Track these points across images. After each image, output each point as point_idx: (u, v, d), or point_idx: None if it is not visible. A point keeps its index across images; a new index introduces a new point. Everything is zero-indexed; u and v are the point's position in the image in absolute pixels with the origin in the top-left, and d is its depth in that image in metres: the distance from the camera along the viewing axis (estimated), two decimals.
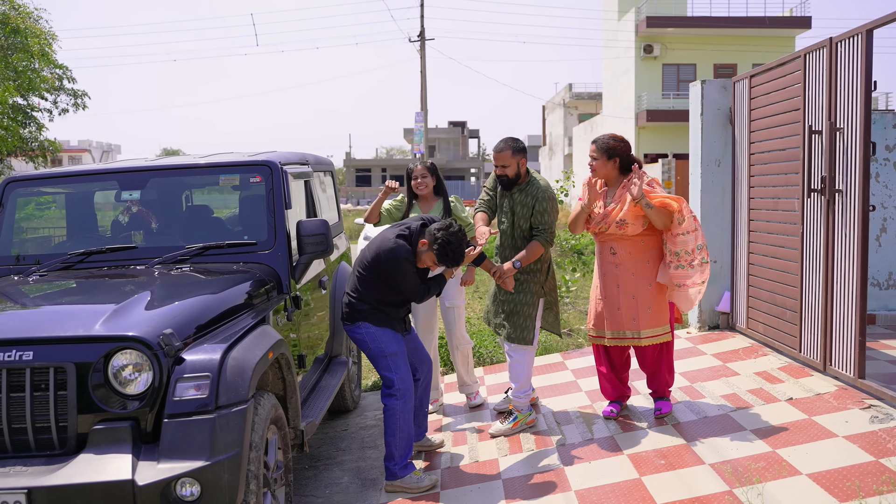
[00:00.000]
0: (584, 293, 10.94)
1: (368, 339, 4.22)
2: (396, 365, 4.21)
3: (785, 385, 4.97)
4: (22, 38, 15.38)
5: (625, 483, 3.93)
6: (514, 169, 4.71)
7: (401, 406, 4.19)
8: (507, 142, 4.73)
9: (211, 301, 3.56)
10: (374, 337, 4.22)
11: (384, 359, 4.22)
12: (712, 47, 29.18)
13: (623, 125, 30.74)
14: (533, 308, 4.77)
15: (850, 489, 3.46)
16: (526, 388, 4.85)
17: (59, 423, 2.99)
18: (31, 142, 18.11)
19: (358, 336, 4.26)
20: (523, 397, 4.86)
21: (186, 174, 4.72)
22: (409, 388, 4.24)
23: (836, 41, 4.73)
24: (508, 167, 4.71)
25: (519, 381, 4.82)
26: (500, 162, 4.72)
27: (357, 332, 4.25)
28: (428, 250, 4.12)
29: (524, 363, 4.80)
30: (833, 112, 4.76)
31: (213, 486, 2.89)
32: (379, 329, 4.22)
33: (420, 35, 31.05)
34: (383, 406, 4.24)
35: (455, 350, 5.43)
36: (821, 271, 4.95)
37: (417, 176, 5.27)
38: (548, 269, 4.85)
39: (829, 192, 4.82)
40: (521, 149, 4.74)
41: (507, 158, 4.69)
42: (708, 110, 6.62)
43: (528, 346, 4.78)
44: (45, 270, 4.23)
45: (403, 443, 4.22)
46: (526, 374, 4.81)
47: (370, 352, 4.25)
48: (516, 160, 4.70)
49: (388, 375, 4.22)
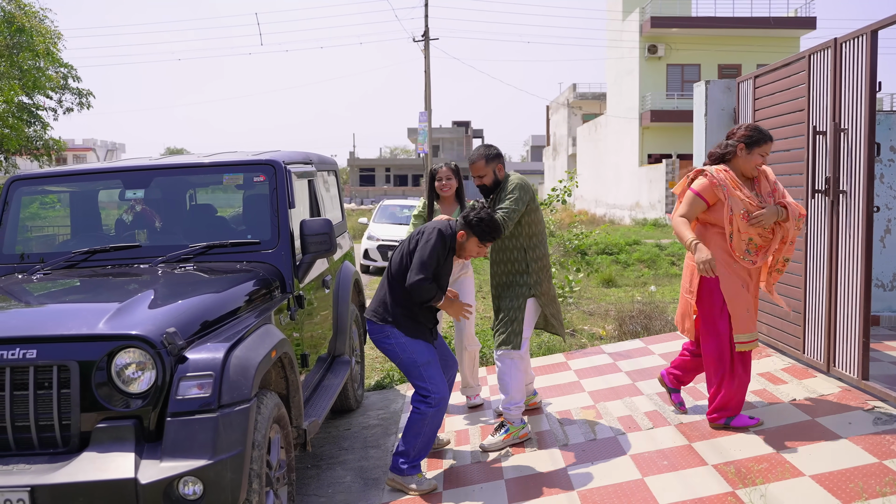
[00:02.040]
0: (588, 293, 10.96)
1: (399, 349, 4.19)
2: (430, 374, 4.19)
3: (788, 386, 4.96)
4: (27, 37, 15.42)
5: (627, 484, 3.92)
6: (491, 177, 4.67)
7: (433, 413, 4.18)
8: (480, 150, 4.67)
9: (214, 300, 3.57)
10: (404, 347, 4.18)
11: (417, 368, 4.19)
12: (716, 48, 29.17)
13: (627, 125, 30.74)
14: (519, 311, 4.63)
15: (854, 491, 3.45)
16: (516, 400, 4.66)
17: (63, 421, 2.99)
18: (36, 140, 18.17)
19: (388, 346, 4.23)
20: (513, 409, 4.68)
21: (190, 173, 4.73)
22: (444, 397, 4.21)
23: (840, 42, 4.72)
24: (485, 176, 4.67)
25: (507, 392, 4.65)
26: (476, 172, 4.68)
27: (387, 342, 4.21)
28: (470, 235, 4.20)
29: (511, 373, 4.62)
30: (837, 113, 4.75)
31: (215, 485, 2.89)
32: (409, 339, 4.18)
33: (424, 35, 31.04)
34: (413, 408, 4.21)
35: (463, 351, 5.40)
36: (825, 272, 4.93)
37: (443, 177, 5.24)
38: (540, 269, 4.72)
39: (833, 192, 4.81)
40: (495, 155, 4.68)
41: (482, 168, 4.65)
42: (712, 111, 6.60)
43: (513, 353, 4.61)
44: (48, 269, 4.24)
45: (422, 446, 4.22)
46: (514, 385, 4.63)
47: (401, 362, 4.22)
48: (491, 168, 4.65)
49: (422, 385, 4.18)
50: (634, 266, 13.96)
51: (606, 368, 6.10)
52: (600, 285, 11.94)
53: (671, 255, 14.81)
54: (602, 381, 5.75)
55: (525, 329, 4.66)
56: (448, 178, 5.25)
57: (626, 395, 5.30)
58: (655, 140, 29.91)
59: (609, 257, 14.52)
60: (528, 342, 4.71)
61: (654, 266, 13.90)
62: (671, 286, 11.67)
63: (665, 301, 9.78)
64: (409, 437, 4.20)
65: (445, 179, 5.25)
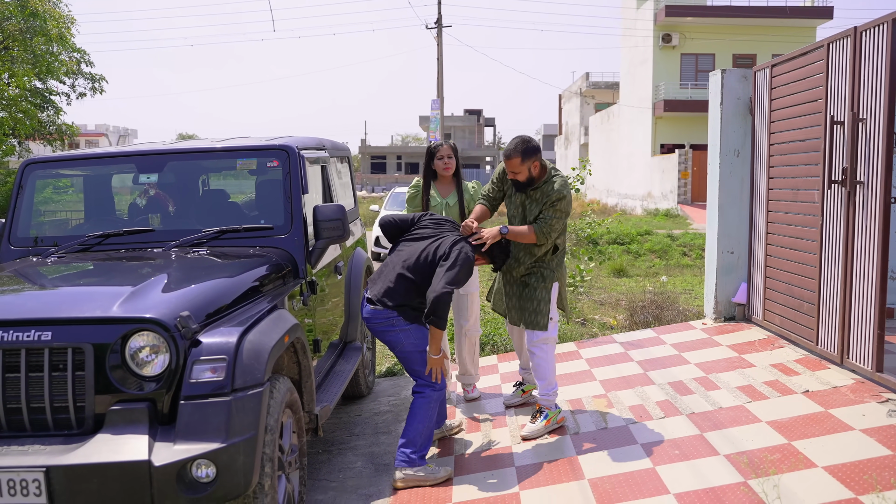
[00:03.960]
0: (599, 283, 10.93)
1: (403, 337, 4.19)
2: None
3: (801, 377, 4.94)
4: (41, 22, 15.44)
5: (638, 472, 3.92)
6: (525, 174, 4.45)
7: (436, 397, 4.23)
8: (518, 146, 4.40)
9: (227, 284, 3.57)
10: (408, 334, 4.19)
11: (421, 354, 4.21)
12: (731, 37, 28.95)
13: (640, 115, 30.58)
14: (546, 292, 4.63)
15: (867, 482, 3.43)
16: (553, 385, 4.69)
17: (77, 403, 3.01)
18: (49, 125, 18.22)
19: (391, 336, 4.21)
20: (551, 395, 4.69)
21: (204, 158, 4.73)
22: (444, 381, 4.29)
23: (860, 30, 4.67)
24: (519, 174, 4.45)
25: (545, 378, 4.67)
26: (511, 168, 4.45)
27: (391, 329, 4.19)
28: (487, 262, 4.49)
29: (548, 359, 4.66)
30: (856, 102, 4.70)
31: (228, 468, 2.90)
32: (414, 326, 4.19)
33: (437, 22, 30.93)
34: (416, 394, 4.23)
35: (463, 337, 5.34)
36: (840, 263, 4.90)
37: (443, 156, 5.10)
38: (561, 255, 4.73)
39: (850, 183, 4.77)
40: (533, 150, 4.41)
41: (517, 165, 4.41)
42: (728, 100, 6.54)
43: (549, 339, 4.65)
44: (63, 252, 4.26)
45: (428, 434, 4.22)
46: (551, 370, 4.67)
47: (403, 348, 4.21)
48: (527, 166, 4.41)
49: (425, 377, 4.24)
50: (646, 256, 13.92)
51: (618, 358, 6.09)
52: (611, 275, 11.91)
53: (683, 246, 14.75)
54: (613, 371, 5.74)
55: (553, 311, 4.67)
56: (449, 156, 5.11)
57: (637, 385, 5.29)
58: (668, 130, 29.75)
59: (620, 247, 14.48)
60: (556, 325, 4.71)
61: (665, 256, 13.85)
62: (682, 277, 11.63)
63: (676, 291, 9.75)
64: (416, 423, 4.20)
65: (447, 158, 5.10)
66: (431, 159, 5.16)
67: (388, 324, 4.18)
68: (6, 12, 15.22)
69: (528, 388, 5.26)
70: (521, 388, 5.28)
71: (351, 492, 4.24)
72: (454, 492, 4.02)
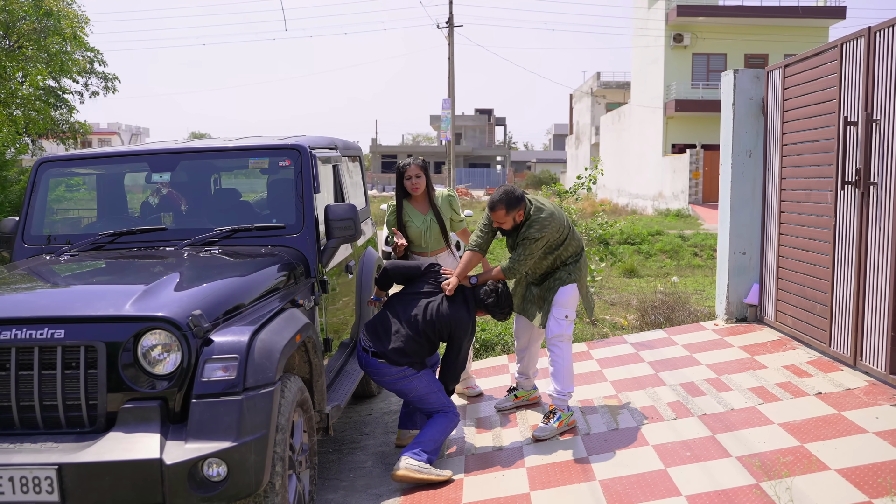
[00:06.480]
0: (610, 283, 10.90)
1: (416, 383, 4.37)
2: (444, 395, 4.48)
3: (814, 379, 4.91)
4: (55, 21, 15.50)
5: (650, 474, 3.90)
6: (510, 223, 4.59)
7: (457, 420, 4.47)
8: (502, 197, 4.53)
9: (239, 283, 3.58)
10: (420, 379, 4.38)
11: (435, 395, 4.42)
12: (743, 37, 28.81)
13: (651, 115, 30.48)
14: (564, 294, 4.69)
15: (881, 486, 3.41)
16: (569, 387, 4.71)
17: (90, 401, 3.02)
18: (62, 124, 18.30)
19: (403, 386, 4.39)
20: (566, 397, 4.71)
21: (216, 157, 4.74)
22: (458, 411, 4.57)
23: (874, 30, 4.64)
24: (504, 223, 4.60)
25: (562, 382, 4.69)
26: (496, 219, 4.60)
27: (403, 380, 4.36)
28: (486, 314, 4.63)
29: (565, 358, 4.68)
30: (870, 103, 4.67)
31: (239, 467, 2.91)
32: (423, 372, 4.40)
33: (448, 21, 30.92)
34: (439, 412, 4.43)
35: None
36: (853, 265, 4.87)
37: (411, 175, 5.08)
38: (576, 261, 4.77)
39: (864, 184, 4.73)
40: (516, 201, 4.53)
41: (503, 216, 4.56)
42: (740, 100, 6.51)
43: (564, 336, 4.68)
44: (75, 251, 4.27)
45: (440, 444, 4.34)
46: (568, 372, 4.70)
47: (418, 392, 4.39)
48: (512, 216, 4.55)
49: (445, 403, 4.45)
50: (657, 256, 13.87)
51: (629, 358, 6.07)
52: (622, 275, 11.88)
53: (694, 246, 14.69)
54: (624, 371, 5.72)
55: (570, 311, 4.72)
56: (417, 175, 5.07)
57: (648, 386, 5.28)
58: (680, 130, 29.62)
59: (631, 247, 14.43)
60: (572, 324, 4.75)
61: (676, 257, 13.79)
62: (693, 277, 11.58)
63: (687, 292, 9.71)
64: (432, 432, 4.31)
65: (415, 178, 5.07)
66: (401, 179, 5.15)
67: (399, 376, 4.34)
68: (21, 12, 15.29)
69: (521, 394, 5.25)
70: (514, 394, 5.26)
71: (361, 491, 4.24)
72: (465, 492, 4.01)
